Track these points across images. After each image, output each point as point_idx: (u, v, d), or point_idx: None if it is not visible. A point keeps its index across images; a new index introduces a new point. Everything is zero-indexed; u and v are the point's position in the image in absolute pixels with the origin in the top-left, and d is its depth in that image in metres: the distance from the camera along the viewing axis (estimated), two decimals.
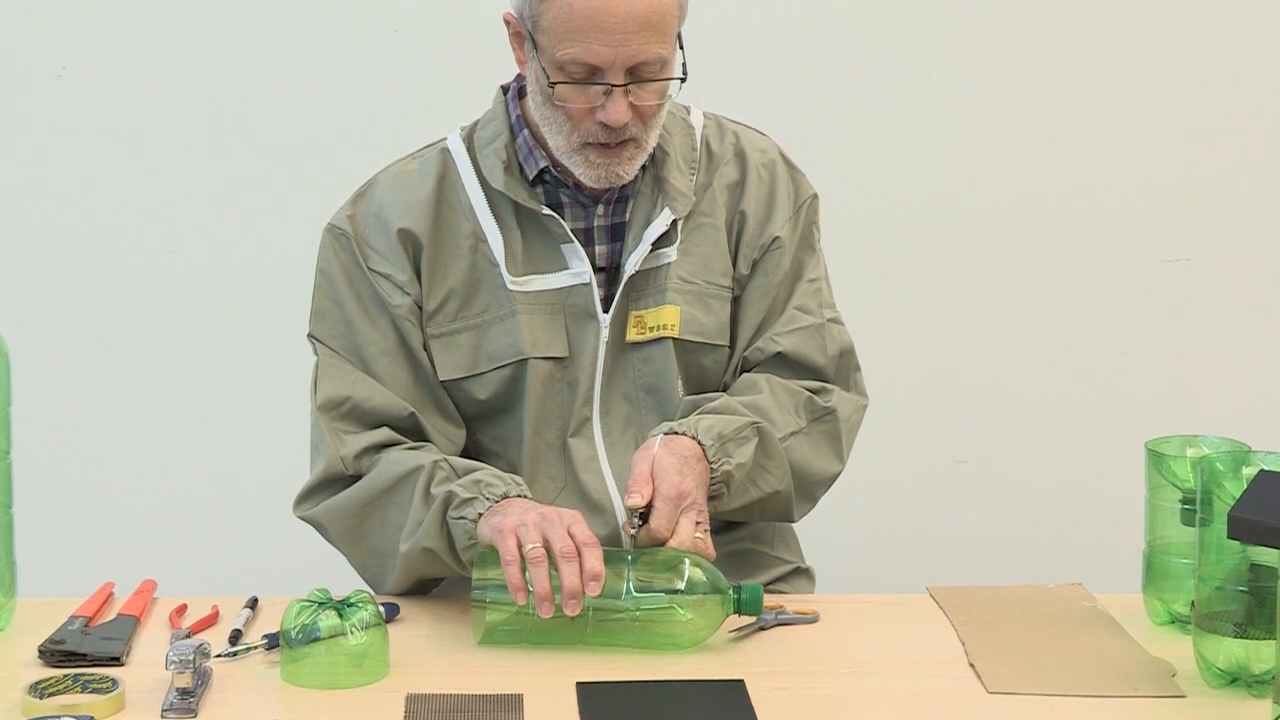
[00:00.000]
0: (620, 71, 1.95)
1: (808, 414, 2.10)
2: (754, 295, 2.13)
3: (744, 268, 2.13)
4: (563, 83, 1.96)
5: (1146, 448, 1.92)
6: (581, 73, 1.96)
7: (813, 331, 2.13)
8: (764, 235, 2.13)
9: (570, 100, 1.97)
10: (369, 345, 2.07)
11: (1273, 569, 1.69)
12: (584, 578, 1.79)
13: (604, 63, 1.94)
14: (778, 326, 2.13)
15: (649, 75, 1.96)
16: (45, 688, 1.70)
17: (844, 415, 2.12)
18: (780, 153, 2.19)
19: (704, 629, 1.85)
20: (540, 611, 1.79)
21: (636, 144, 2.01)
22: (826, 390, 2.13)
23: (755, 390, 2.08)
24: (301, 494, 2.06)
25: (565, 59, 1.95)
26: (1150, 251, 3.18)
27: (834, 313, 2.18)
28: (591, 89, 1.96)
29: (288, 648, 1.76)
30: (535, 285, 2.07)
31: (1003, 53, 3.13)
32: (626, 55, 1.94)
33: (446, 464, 1.98)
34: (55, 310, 3.12)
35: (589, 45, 1.93)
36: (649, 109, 1.99)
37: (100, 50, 3.07)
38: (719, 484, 1.97)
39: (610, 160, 2.01)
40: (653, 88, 1.98)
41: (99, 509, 3.16)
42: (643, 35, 1.93)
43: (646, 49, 1.94)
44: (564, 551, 1.80)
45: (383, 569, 2.02)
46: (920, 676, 1.80)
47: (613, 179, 2.03)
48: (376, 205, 2.09)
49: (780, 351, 2.11)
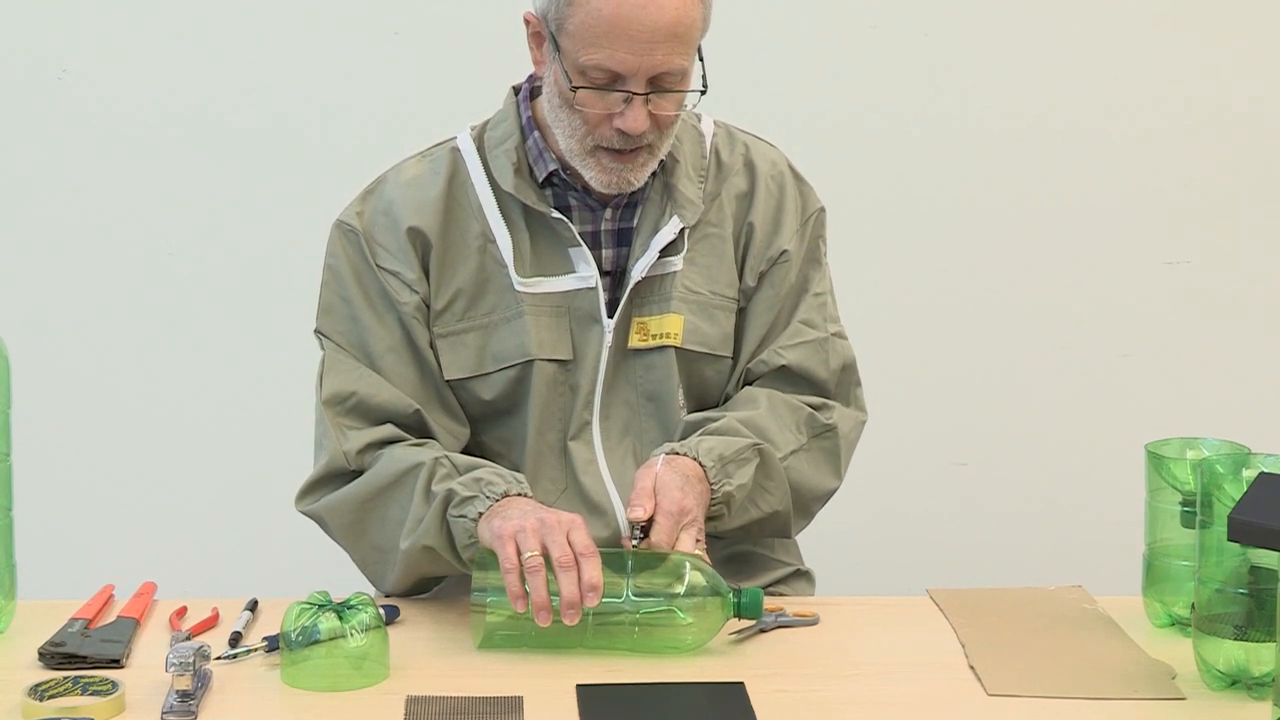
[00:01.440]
0: (642, 80, 1.95)
1: (809, 430, 2.10)
2: (759, 308, 2.13)
3: (750, 279, 2.13)
4: (584, 87, 1.97)
5: (1146, 450, 1.92)
6: (604, 79, 1.96)
7: (816, 346, 2.14)
8: (771, 248, 2.13)
9: (590, 105, 1.97)
10: (376, 342, 2.07)
11: (1273, 571, 1.69)
12: (582, 588, 1.79)
13: (628, 70, 1.94)
14: (782, 340, 2.13)
15: (670, 86, 1.97)
16: (45, 690, 1.70)
17: (844, 432, 2.13)
18: (789, 165, 2.20)
19: (704, 633, 1.85)
20: (538, 621, 1.79)
21: (650, 151, 2.01)
22: (828, 406, 2.13)
23: (754, 405, 2.08)
24: (303, 489, 2.06)
25: (589, 64, 1.95)
26: (1150, 254, 3.19)
27: (838, 327, 2.18)
28: (612, 95, 1.96)
29: (288, 650, 1.76)
30: (542, 287, 2.07)
31: (1003, 55, 3.13)
32: (650, 65, 1.94)
33: (448, 461, 1.98)
34: (56, 312, 3.12)
35: (614, 52, 1.93)
36: (667, 119, 1.99)
37: (101, 52, 3.07)
38: (719, 504, 1.98)
39: (623, 166, 2.01)
40: (672, 98, 1.98)
41: (99, 511, 3.16)
42: (668, 45, 1.93)
43: (670, 59, 1.94)
44: (562, 561, 1.80)
45: (383, 565, 2.02)
46: (920, 679, 1.80)
47: (623, 185, 2.03)
48: (386, 203, 2.09)
49: (784, 365, 2.12)
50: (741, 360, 2.13)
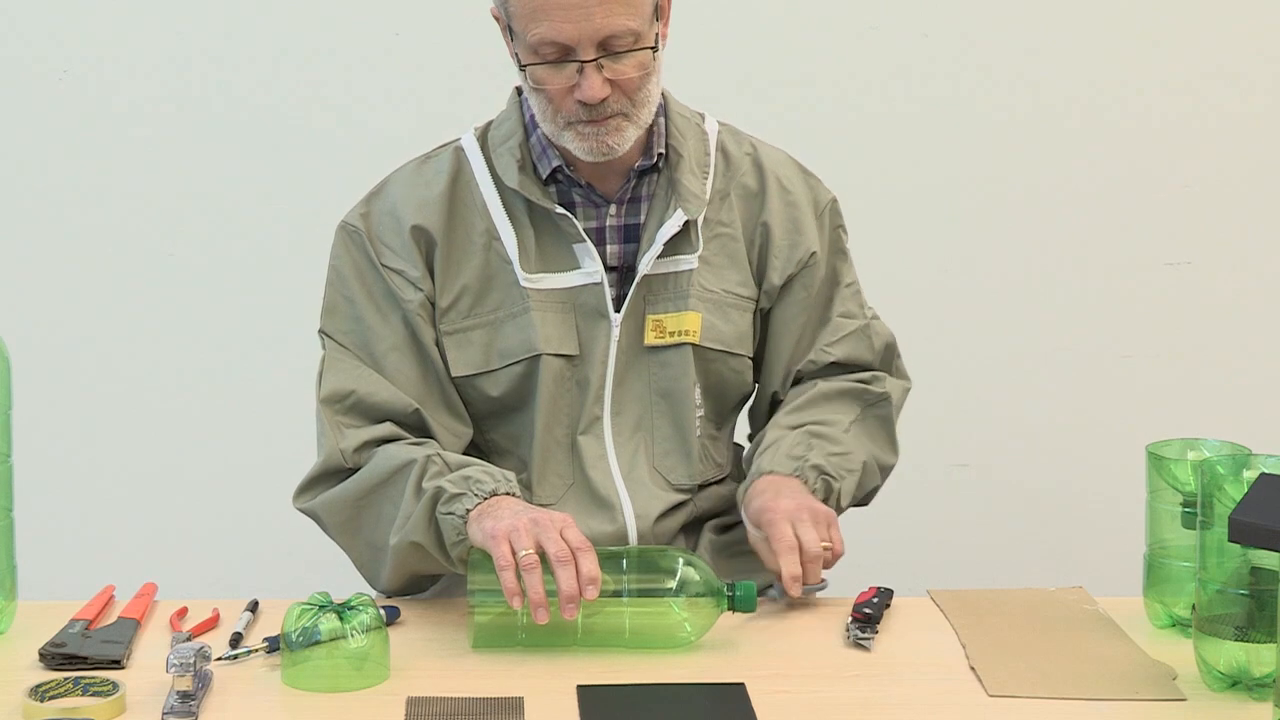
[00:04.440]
0: (590, 47, 1.95)
1: (861, 403, 2.16)
2: (793, 310, 2.17)
3: (776, 280, 2.15)
4: (536, 64, 1.97)
5: (1147, 451, 1.92)
6: (554, 53, 1.96)
7: (860, 334, 2.20)
8: (799, 249, 2.15)
9: (546, 81, 1.98)
10: (379, 341, 2.07)
11: (1273, 572, 1.69)
12: (581, 581, 1.79)
13: (570, 40, 1.95)
14: (826, 336, 2.18)
15: (621, 48, 1.97)
16: (46, 690, 1.70)
17: (895, 400, 2.21)
18: (795, 162, 2.21)
19: (698, 628, 1.86)
20: (536, 618, 1.79)
21: (625, 116, 2.01)
22: (878, 378, 2.20)
23: (815, 406, 2.15)
24: (301, 486, 2.06)
25: (535, 40, 1.96)
26: (1151, 255, 3.19)
27: (872, 309, 2.25)
28: (565, 68, 1.97)
29: (288, 651, 1.76)
30: (547, 283, 2.08)
31: (1003, 56, 3.13)
32: (591, 30, 1.94)
33: (440, 458, 1.98)
34: (57, 313, 3.12)
35: (552, 23, 1.94)
36: (630, 82, 1.99)
37: (102, 53, 3.07)
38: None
39: (598, 130, 2.01)
40: (629, 60, 1.98)
41: (100, 512, 3.16)
42: (605, 8, 1.93)
43: (612, 21, 1.94)
44: (559, 556, 1.80)
45: (377, 563, 2.03)
46: (921, 679, 1.80)
47: (604, 150, 2.02)
48: (390, 203, 2.10)
49: (833, 361, 2.18)
50: (782, 361, 2.18)
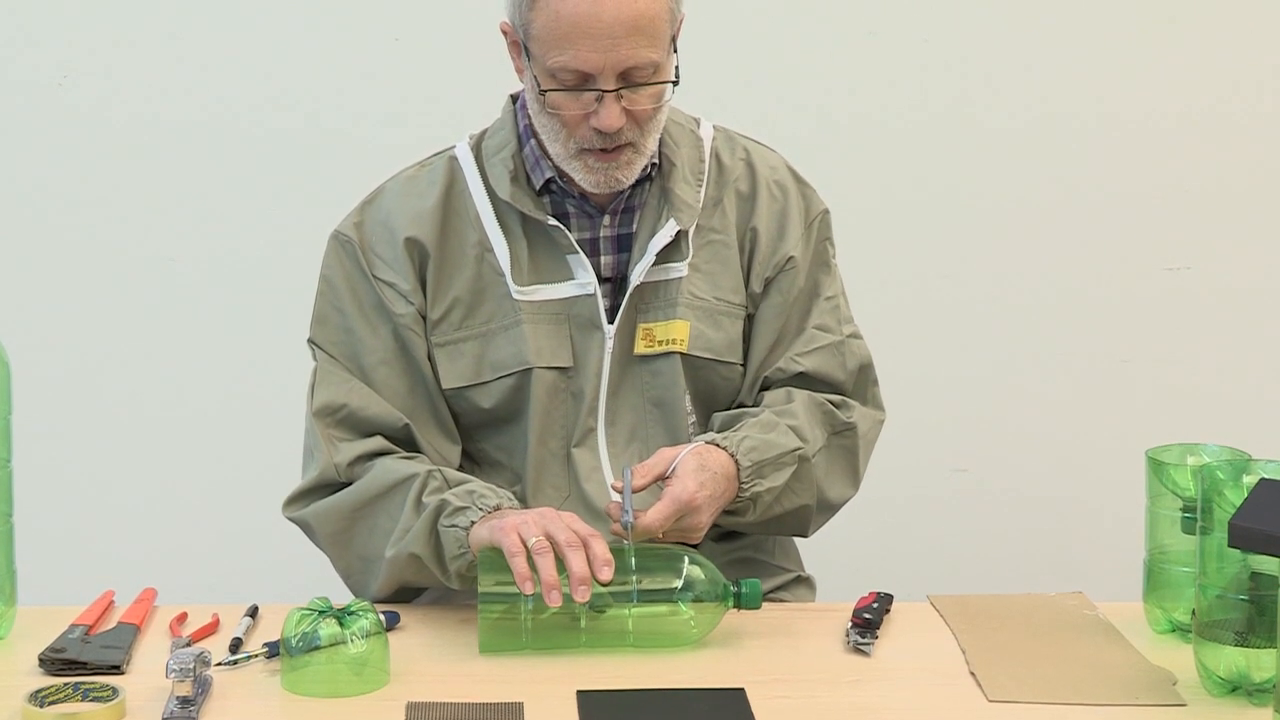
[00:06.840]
0: (611, 77, 1.95)
1: (827, 428, 2.11)
2: (768, 314, 2.13)
3: (756, 285, 2.13)
4: (555, 90, 1.97)
5: (1147, 456, 1.92)
6: (573, 79, 1.96)
7: (833, 350, 2.14)
8: (778, 254, 2.13)
9: (563, 107, 1.98)
10: (368, 353, 2.07)
11: (1273, 577, 1.69)
12: (594, 564, 1.80)
13: (593, 69, 1.94)
14: (798, 346, 2.14)
15: (641, 80, 1.96)
16: (46, 696, 1.70)
17: (862, 431, 2.14)
18: (789, 169, 2.19)
19: (704, 626, 1.86)
20: (548, 600, 1.79)
21: (635, 148, 2.01)
22: (847, 405, 2.14)
23: (788, 400, 2.09)
24: (292, 496, 2.06)
25: (556, 66, 1.95)
26: (1151, 259, 3.18)
27: (853, 327, 2.19)
28: (584, 95, 1.96)
29: (288, 656, 1.76)
30: (541, 295, 2.07)
31: (1002, 61, 3.13)
32: (615, 60, 1.93)
33: (440, 474, 1.99)
34: (56, 318, 3.12)
35: (577, 52, 1.93)
36: (644, 113, 1.99)
37: (101, 58, 3.07)
38: (745, 502, 2.00)
39: (608, 164, 2.01)
40: (646, 92, 1.98)
41: (99, 517, 3.16)
42: (631, 40, 1.93)
43: (636, 53, 1.94)
44: (570, 541, 1.81)
45: (367, 575, 2.02)
46: (921, 685, 1.79)
47: (612, 183, 2.03)
48: (384, 214, 2.09)
49: (802, 371, 2.12)
50: (752, 367, 2.13)
